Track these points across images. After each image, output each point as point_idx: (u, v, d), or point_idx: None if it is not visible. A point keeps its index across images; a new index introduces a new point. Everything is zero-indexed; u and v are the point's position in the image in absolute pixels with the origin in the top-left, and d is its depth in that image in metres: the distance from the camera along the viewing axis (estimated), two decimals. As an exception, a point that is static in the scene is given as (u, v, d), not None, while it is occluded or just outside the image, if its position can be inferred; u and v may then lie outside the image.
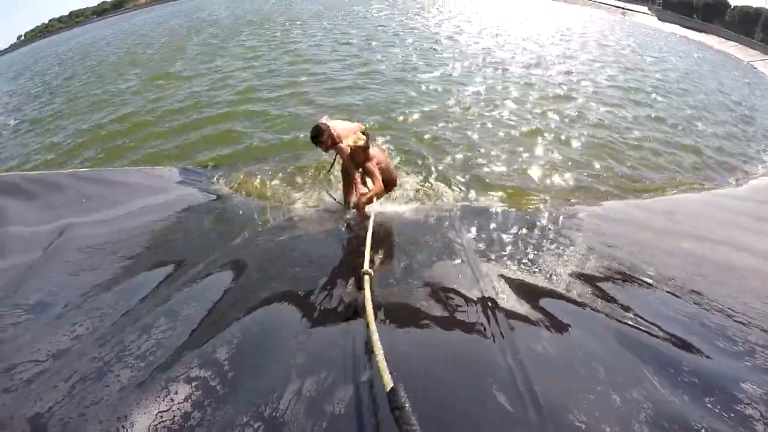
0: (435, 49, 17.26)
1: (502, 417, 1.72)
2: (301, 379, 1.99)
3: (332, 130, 4.57)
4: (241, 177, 6.12)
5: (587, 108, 11.21)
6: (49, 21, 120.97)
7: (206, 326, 2.54)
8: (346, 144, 4.39)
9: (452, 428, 1.68)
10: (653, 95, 13.67)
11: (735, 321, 2.78)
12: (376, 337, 1.83)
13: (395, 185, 5.11)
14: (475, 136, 8.55)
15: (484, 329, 2.42)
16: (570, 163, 7.58)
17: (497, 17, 30.76)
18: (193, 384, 1.99)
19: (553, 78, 14.15)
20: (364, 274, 2.57)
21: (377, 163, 4.50)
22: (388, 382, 1.57)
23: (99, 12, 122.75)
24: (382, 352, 1.75)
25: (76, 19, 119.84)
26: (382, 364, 1.66)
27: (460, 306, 2.69)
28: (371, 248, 3.00)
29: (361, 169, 4.53)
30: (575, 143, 8.74)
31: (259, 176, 6.24)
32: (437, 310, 2.66)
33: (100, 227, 3.93)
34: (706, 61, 27.50)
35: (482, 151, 7.88)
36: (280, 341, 2.40)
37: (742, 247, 4.19)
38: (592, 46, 22.97)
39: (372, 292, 2.36)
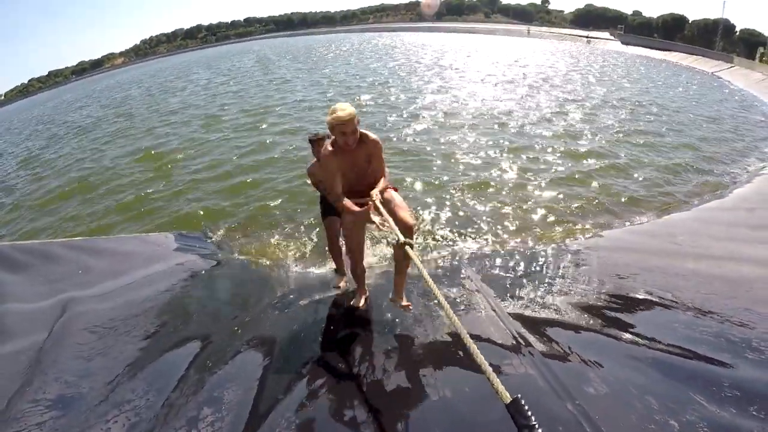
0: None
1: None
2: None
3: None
4: (238, 237, 6.31)
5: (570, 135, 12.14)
6: (29, 81, 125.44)
7: (257, 411, 2.64)
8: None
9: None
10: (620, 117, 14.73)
11: (757, 331, 3.14)
12: (478, 352, 2.08)
13: None
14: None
15: (531, 375, 2.73)
16: (562, 194, 8.12)
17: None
18: None
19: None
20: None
21: None
22: (506, 395, 1.78)
23: (78, 71, 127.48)
24: (486, 364, 1.92)
25: (55, 78, 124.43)
26: (495, 378, 1.85)
27: (504, 358, 2.97)
28: None
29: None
30: (561, 171, 9.41)
31: (256, 235, 6.46)
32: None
33: (104, 302, 3.90)
34: (672, 77, 29.42)
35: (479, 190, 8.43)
36: (340, 411, 2.64)
37: (744, 258, 4.60)
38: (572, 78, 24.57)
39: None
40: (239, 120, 15.61)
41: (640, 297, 3.92)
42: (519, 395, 1.74)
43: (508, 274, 4.73)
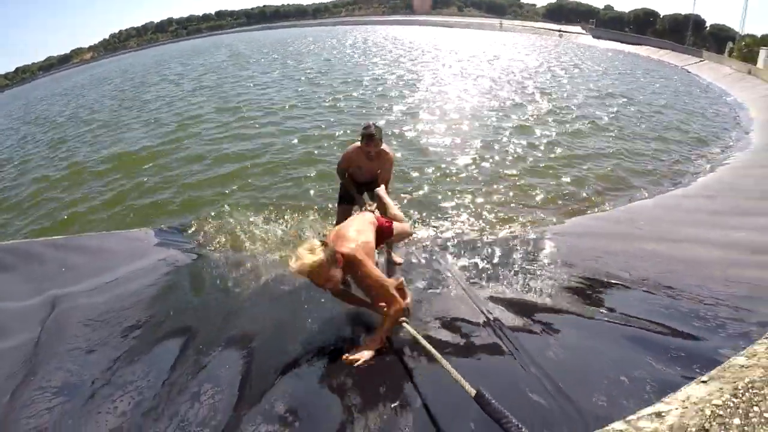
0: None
1: (542, 410, 2.26)
2: (370, 408, 2.46)
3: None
4: (216, 231, 6.39)
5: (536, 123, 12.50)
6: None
7: (254, 384, 2.84)
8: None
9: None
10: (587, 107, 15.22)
11: (705, 304, 3.42)
12: (439, 356, 2.35)
13: None
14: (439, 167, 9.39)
15: (502, 349, 2.99)
16: (527, 183, 8.42)
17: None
18: None
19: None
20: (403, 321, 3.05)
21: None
22: (471, 390, 2.05)
23: (46, 67, 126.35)
24: (450, 365, 2.25)
25: (22, 75, 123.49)
26: (457, 375, 2.15)
27: (473, 332, 3.22)
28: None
29: None
30: (530, 161, 9.75)
31: (232, 227, 6.52)
32: (451, 338, 3.21)
33: (93, 297, 4.01)
34: (642, 71, 30.15)
35: (444, 179, 8.69)
36: (330, 381, 2.83)
37: (702, 241, 4.93)
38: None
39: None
40: (215, 116, 15.55)
41: (602, 277, 4.19)
42: (480, 388, 2.05)
43: (478, 260, 4.94)
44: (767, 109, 15.53)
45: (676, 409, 1.38)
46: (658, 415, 1.38)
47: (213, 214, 7.08)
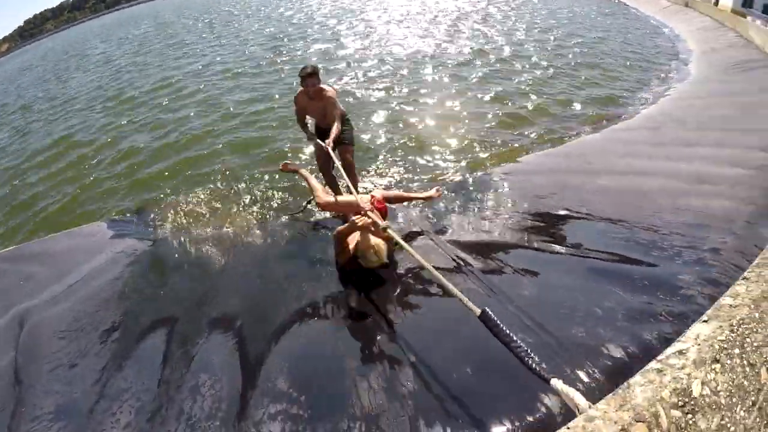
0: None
1: (527, 346, 2.35)
2: (370, 365, 2.53)
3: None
4: (169, 212, 6.17)
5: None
6: None
7: (249, 364, 2.84)
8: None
9: (493, 364, 2.32)
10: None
11: (660, 234, 3.64)
12: (442, 279, 2.45)
13: None
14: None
15: (474, 289, 3.11)
16: (480, 125, 8.48)
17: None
18: (279, 419, 2.36)
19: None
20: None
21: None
22: (476, 309, 2.13)
23: None
24: (454, 287, 2.34)
25: None
26: (463, 297, 2.24)
27: (447, 278, 3.30)
28: None
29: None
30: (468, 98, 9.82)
31: (185, 205, 6.36)
32: (428, 287, 3.32)
33: (59, 305, 3.86)
34: (578, 4, 30.19)
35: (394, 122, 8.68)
36: (323, 348, 2.91)
37: (649, 172, 5.17)
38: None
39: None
40: (150, 96, 14.50)
41: (560, 213, 4.36)
42: (486, 308, 2.12)
43: (438, 207, 5.02)
44: (704, 41, 16.03)
45: (693, 346, 1.54)
46: (681, 352, 1.51)
47: (162, 196, 6.83)
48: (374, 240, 3.33)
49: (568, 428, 1.34)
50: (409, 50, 15.54)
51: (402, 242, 2.96)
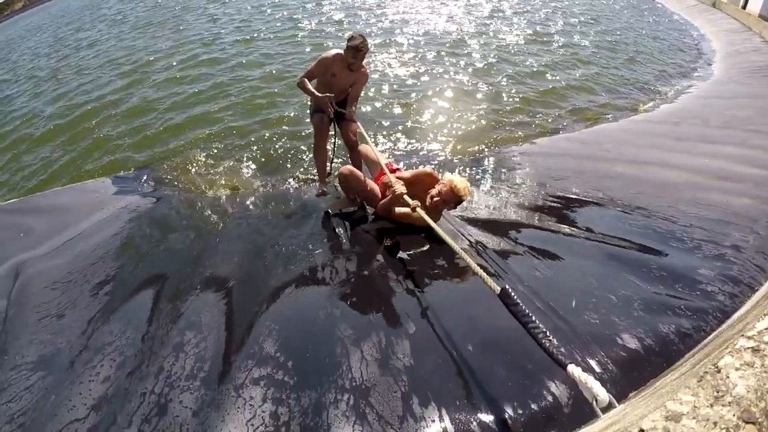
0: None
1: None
2: (364, 334, 2.37)
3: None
4: (174, 171, 6.03)
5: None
6: None
7: (237, 326, 2.70)
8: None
9: (499, 345, 2.14)
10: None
11: (679, 225, 3.44)
12: (464, 255, 2.32)
13: None
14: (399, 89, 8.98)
15: (485, 267, 2.89)
16: (499, 105, 8.21)
17: None
18: (262, 384, 2.20)
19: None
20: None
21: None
22: (495, 286, 1.99)
23: None
24: (475, 264, 2.21)
25: None
26: (483, 273, 2.13)
27: (457, 255, 3.11)
28: None
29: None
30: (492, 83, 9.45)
31: (189, 165, 6.21)
32: (440, 263, 3.13)
33: (56, 258, 3.79)
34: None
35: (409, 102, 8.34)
36: (317, 312, 2.73)
37: (669, 164, 4.96)
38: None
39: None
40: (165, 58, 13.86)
41: (575, 196, 4.17)
42: (506, 286, 2.00)
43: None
44: (729, 43, 15.61)
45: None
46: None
47: (173, 156, 6.64)
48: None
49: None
50: (439, 29, 15.00)
51: (431, 222, 2.93)
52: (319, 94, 4.38)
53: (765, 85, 9.89)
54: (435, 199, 3.42)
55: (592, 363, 2.01)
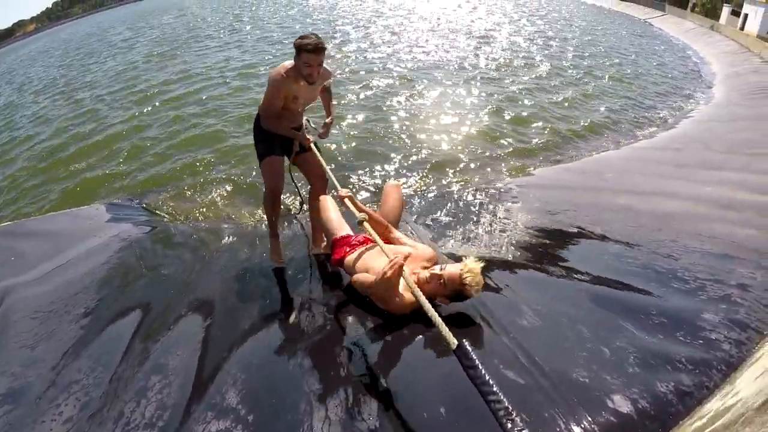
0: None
1: (518, 389, 1.96)
2: (331, 392, 2.18)
3: None
4: (171, 200, 5.98)
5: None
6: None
7: (203, 372, 2.56)
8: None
9: (475, 407, 1.91)
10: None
11: (681, 263, 3.22)
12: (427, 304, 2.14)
13: None
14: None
15: (466, 314, 2.66)
16: (496, 136, 8.07)
17: None
18: None
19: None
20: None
21: None
22: (453, 340, 1.83)
23: None
24: (436, 314, 2.03)
25: None
26: (442, 325, 1.95)
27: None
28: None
29: None
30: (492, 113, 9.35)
31: (189, 195, 6.16)
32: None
33: (42, 285, 3.75)
34: (606, 22, 29.81)
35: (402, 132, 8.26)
36: (286, 362, 2.55)
37: (670, 194, 4.76)
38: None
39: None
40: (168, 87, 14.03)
41: (572, 231, 3.99)
42: (464, 340, 1.82)
43: (442, 215, 4.69)
44: (729, 65, 15.60)
45: None
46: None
47: (169, 186, 6.66)
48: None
49: None
50: (436, 58, 15.08)
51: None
52: (303, 136, 3.64)
53: (765, 106, 9.75)
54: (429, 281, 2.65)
55: (577, 431, 1.78)
